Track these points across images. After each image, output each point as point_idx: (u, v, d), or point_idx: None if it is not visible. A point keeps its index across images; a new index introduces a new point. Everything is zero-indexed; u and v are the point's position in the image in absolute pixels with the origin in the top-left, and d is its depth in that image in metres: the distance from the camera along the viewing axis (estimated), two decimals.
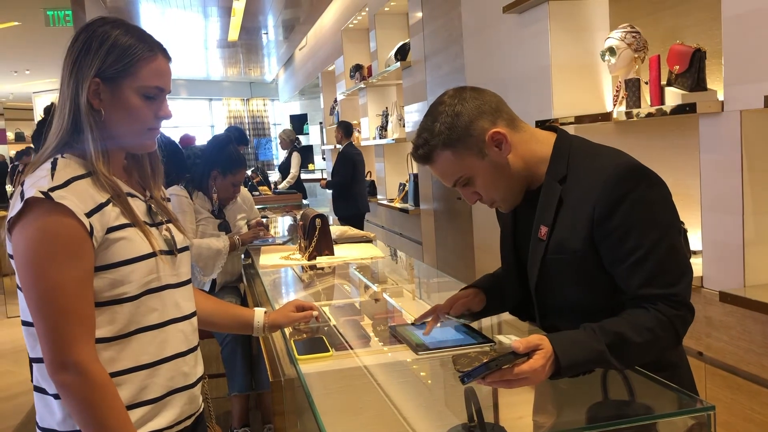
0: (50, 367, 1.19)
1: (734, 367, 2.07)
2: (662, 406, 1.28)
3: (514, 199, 1.46)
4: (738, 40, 1.99)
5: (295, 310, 1.76)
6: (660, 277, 1.29)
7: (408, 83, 5.44)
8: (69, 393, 1.19)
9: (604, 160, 1.38)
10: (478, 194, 1.44)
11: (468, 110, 1.38)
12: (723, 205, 1.84)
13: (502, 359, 1.14)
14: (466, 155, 1.38)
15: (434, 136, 1.38)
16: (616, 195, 1.30)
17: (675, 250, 1.32)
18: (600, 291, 1.38)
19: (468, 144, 1.37)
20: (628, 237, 1.30)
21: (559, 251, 1.39)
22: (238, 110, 17.12)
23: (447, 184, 1.45)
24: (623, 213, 1.30)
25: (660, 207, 1.33)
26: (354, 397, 1.51)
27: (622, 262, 1.31)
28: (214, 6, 8.84)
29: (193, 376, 1.39)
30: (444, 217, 4.88)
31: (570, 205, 1.37)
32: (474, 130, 1.37)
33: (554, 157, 1.42)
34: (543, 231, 1.41)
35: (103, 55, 1.25)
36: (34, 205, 1.17)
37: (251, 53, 13.22)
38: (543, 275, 1.42)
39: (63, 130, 1.27)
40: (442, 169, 1.41)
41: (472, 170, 1.39)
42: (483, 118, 1.38)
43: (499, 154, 1.39)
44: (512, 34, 3.29)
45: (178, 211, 2.99)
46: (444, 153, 1.38)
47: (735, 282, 2.04)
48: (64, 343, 1.17)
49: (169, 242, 1.35)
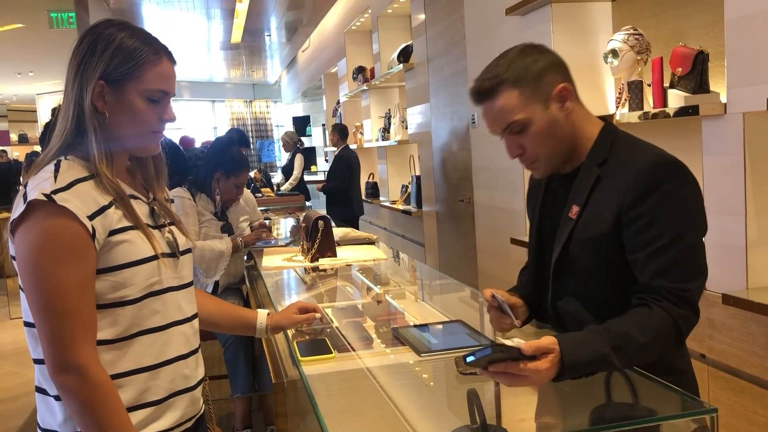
0: (51, 368, 1.19)
1: (737, 370, 2.06)
2: (665, 409, 1.28)
3: (554, 163, 1.45)
4: (741, 42, 1.99)
5: (298, 312, 1.76)
6: (675, 271, 1.29)
7: (411, 85, 5.44)
8: (70, 394, 1.19)
9: (645, 151, 1.39)
10: (522, 148, 1.42)
11: (544, 60, 1.40)
12: (726, 207, 1.84)
13: (510, 350, 1.14)
14: (532, 100, 1.38)
15: (506, 72, 1.38)
16: (650, 183, 1.31)
17: (695, 250, 1.33)
18: (614, 279, 1.38)
19: (537, 89, 1.38)
20: (653, 225, 1.30)
21: (585, 230, 1.39)
22: (241, 112, 17.13)
23: (497, 128, 1.42)
24: (653, 201, 1.30)
25: (691, 205, 1.34)
26: (357, 399, 1.52)
27: (642, 249, 1.31)
28: (217, 8, 8.85)
29: (194, 378, 1.39)
30: (446, 219, 4.88)
31: (604, 188, 1.39)
32: (546, 78, 1.38)
33: (599, 141, 1.44)
34: (574, 210, 1.42)
35: (108, 57, 1.25)
36: (36, 207, 1.18)
37: (254, 55, 13.23)
38: (564, 255, 1.43)
39: (66, 132, 1.27)
40: (502, 108, 1.39)
41: (531, 117, 1.38)
42: (556, 71, 1.40)
43: (560, 111, 1.40)
44: (515, 36, 3.29)
45: (181, 213, 2.99)
46: (511, 91, 1.37)
47: (738, 284, 2.04)
48: (66, 345, 1.18)
49: (172, 245, 1.35)
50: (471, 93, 1.44)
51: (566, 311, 1.46)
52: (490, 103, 1.40)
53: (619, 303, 1.33)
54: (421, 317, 2.04)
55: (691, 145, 2.49)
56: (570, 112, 1.41)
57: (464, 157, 4.35)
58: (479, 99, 1.42)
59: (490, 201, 4.01)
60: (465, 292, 2.52)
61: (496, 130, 1.43)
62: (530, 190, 1.68)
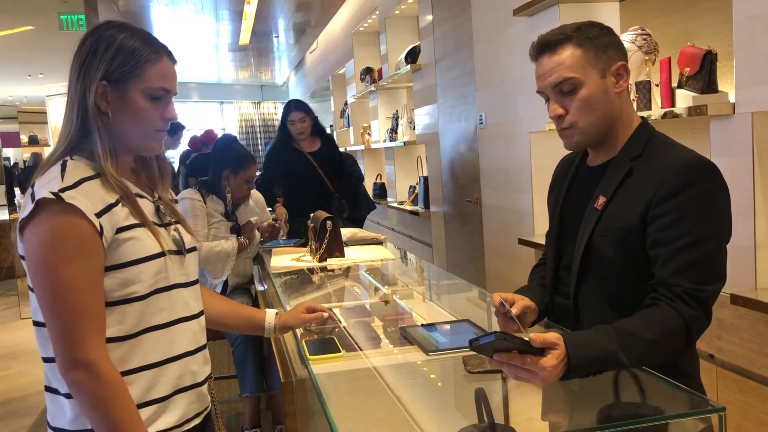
0: (62, 365, 1.20)
1: (746, 370, 2.06)
2: (673, 408, 1.28)
3: (589, 136, 1.44)
4: (749, 42, 1.98)
5: (306, 312, 1.77)
6: (694, 271, 1.29)
7: (418, 86, 5.45)
8: (81, 391, 1.20)
9: (681, 151, 1.40)
10: (565, 110, 1.42)
11: (612, 36, 1.44)
12: (734, 208, 1.82)
13: (516, 340, 1.14)
14: (591, 64, 1.40)
15: (575, 32, 1.41)
16: (683, 181, 1.32)
17: (718, 255, 1.33)
18: (635, 275, 1.37)
19: (598, 58, 1.40)
20: (680, 223, 1.30)
21: (610, 222, 1.40)
22: (249, 113, 17.17)
23: (550, 83, 1.42)
24: (683, 199, 1.31)
25: (720, 210, 1.34)
26: (365, 398, 1.52)
27: (665, 245, 1.31)
28: (226, 10, 8.88)
29: (202, 374, 1.40)
30: (454, 219, 4.88)
31: (635, 181, 1.39)
32: (610, 51, 1.42)
33: (634, 136, 1.45)
34: (600, 201, 1.43)
35: (109, 58, 1.27)
36: (45, 205, 1.19)
37: (262, 56, 13.26)
38: (588, 247, 1.43)
39: (71, 132, 1.29)
40: (561, 62, 1.40)
41: (585, 80, 1.39)
42: (620, 50, 1.44)
43: (613, 86, 1.42)
44: (523, 36, 3.29)
45: (191, 214, 3.00)
46: (574, 50, 1.40)
47: (746, 284, 2.03)
48: (76, 342, 1.19)
49: (178, 242, 1.37)
50: (533, 46, 1.46)
51: (586, 305, 1.46)
52: (550, 55, 1.42)
53: (639, 300, 1.33)
54: (429, 317, 2.05)
55: (700, 145, 2.48)
56: (622, 91, 1.43)
57: (472, 158, 4.35)
58: (541, 50, 1.44)
59: (497, 202, 4.01)
60: (472, 292, 2.52)
61: (548, 85, 1.43)
62: (554, 180, 1.68)
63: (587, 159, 1.56)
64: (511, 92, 3.57)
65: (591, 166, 1.52)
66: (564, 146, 1.51)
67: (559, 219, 1.58)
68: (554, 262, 1.57)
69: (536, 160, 3.42)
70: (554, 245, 1.57)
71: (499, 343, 1.13)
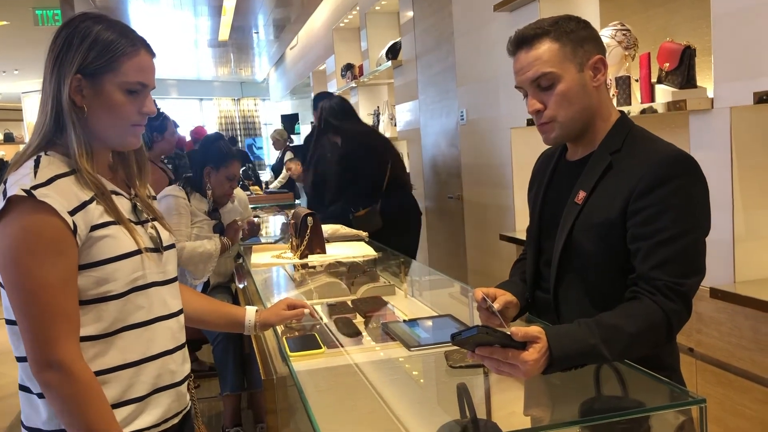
0: (34, 365, 1.18)
1: (725, 363, 2.08)
2: (654, 400, 1.28)
3: (568, 130, 1.44)
4: (727, 37, 2.00)
5: (287, 309, 1.75)
6: (674, 265, 1.29)
7: (399, 82, 5.44)
8: (53, 392, 1.18)
9: (660, 145, 1.40)
10: (543, 105, 1.42)
11: (588, 30, 1.44)
12: (713, 202, 1.84)
13: (498, 334, 1.13)
14: (568, 58, 1.40)
15: (552, 26, 1.41)
16: (664, 175, 1.32)
17: (697, 248, 1.34)
18: (616, 270, 1.38)
19: (575, 52, 1.40)
20: (660, 217, 1.31)
21: (590, 217, 1.40)
22: (229, 110, 17.07)
23: (527, 77, 1.42)
24: (663, 193, 1.31)
25: (699, 203, 1.35)
26: (347, 395, 1.51)
27: (645, 239, 1.31)
28: (205, 5, 8.80)
29: (181, 373, 1.38)
30: (436, 215, 4.88)
31: (615, 176, 1.39)
32: (587, 45, 1.42)
33: (613, 130, 1.45)
34: (580, 196, 1.42)
35: (84, 50, 1.24)
36: (16, 203, 1.17)
37: (242, 53, 13.18)
38: (568, 242, 1.43)
39: (46, 127, 1.26)
40: (539, 56, 1.40)
41: (563, 74, 1.39)
42: (597, 44, 1.44)
43: (591, 80, 1.42)
44: (503, 32, 3.29)
45: (174, 212, 2.96)
46: (551, 44, 1.40)
47: (725, 278, 2.05)
48: (48, 342, 1.16)
49: (155, 240, 1.34)
50: (511, 41, 1.46)
51: (567, 299, 1.46)
52: (527, 50, 1.42)
53: (620, 294, 1.34)
54: (411, 312, 2.04)
55: (679, 139, 2.50)
56: (600, 85, 1.43)
57: (453, 154, 4.35)
58: (518, 45, 1.44)
59: (479, 197, 4.02)
60: (454, 288, 2.51)
61: (526, 80, 1.43)
62: (534, 175, 1.67)
63: (567, 154, 1.56)
64: (491, 88, 3.58)
65: (570, 161, 1.52)
66: (543, 141, 1.50)
67: (539, 214, 1.58)
68: (535, 257, 1.57)
69: (517, 156, 3.43)
70: (535, 240, 1.57)
71: (481, 337, 1.12)
